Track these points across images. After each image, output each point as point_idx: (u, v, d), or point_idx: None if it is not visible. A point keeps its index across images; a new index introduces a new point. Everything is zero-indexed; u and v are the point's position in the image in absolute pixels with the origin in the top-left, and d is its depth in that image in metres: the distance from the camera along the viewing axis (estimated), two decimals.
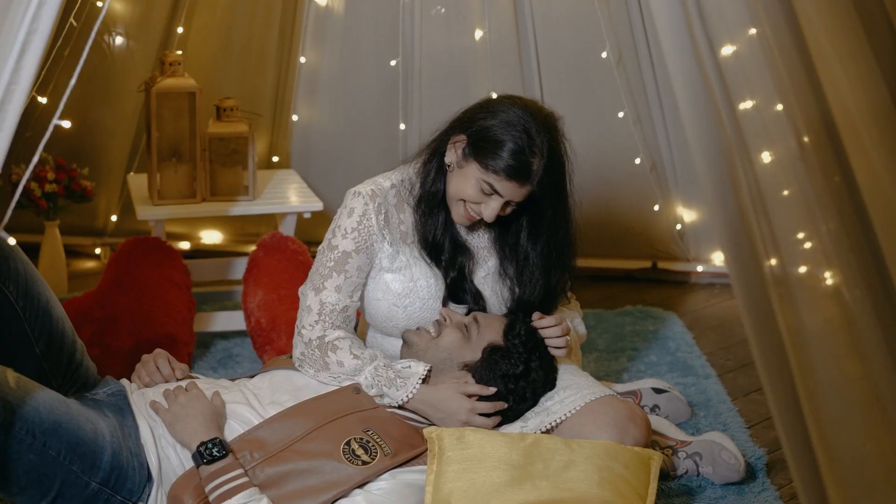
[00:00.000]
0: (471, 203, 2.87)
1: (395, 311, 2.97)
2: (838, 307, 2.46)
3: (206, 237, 4.77)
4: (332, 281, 2.92)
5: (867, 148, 2.53)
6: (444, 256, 2.98)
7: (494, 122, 2.83)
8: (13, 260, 2.79)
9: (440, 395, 2.86)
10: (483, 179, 2.82)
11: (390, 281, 2.96)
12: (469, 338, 2.91)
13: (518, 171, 2.81)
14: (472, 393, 2.87)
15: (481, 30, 4.55)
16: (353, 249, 2.92)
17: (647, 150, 4.60)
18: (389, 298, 2.97)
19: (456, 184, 2.88)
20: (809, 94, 2.55)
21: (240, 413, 2.78)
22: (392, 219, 2.96)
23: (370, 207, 2.92)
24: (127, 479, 2.66)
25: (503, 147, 2.80)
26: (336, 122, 4.71)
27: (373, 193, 2.93)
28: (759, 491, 3.08)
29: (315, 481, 2.65)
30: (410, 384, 2.84)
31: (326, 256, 2.95)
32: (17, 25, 2.07)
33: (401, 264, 2.96)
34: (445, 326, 2.93)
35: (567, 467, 2.71)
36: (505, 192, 2.83)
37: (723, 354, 3.99)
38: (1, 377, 2.54)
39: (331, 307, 2.92)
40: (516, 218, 2.95)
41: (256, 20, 4.58)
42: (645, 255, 4.77)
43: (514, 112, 2.84)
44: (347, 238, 2.92)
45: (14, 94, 2.06)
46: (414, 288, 2.96)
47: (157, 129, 3.80)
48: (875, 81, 2.56)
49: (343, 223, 2.94)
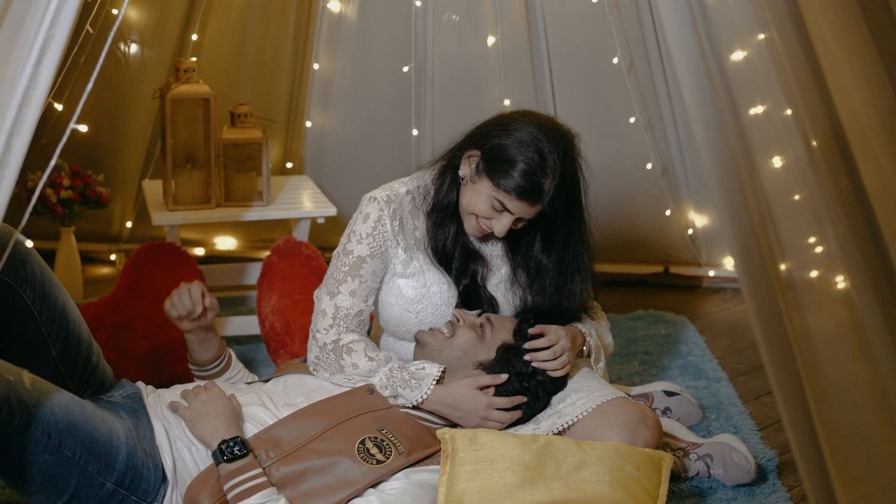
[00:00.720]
0: (482, 217, 2.90)
1: (408, 317, 2.99)
2: (848, 311, 2.48)
3: (220, 243, 4.78)
4: (346, 285, 2.94)
5: (875, 152, 2.55)
6: (455, 265, 3.00)
7: (508, 140, 2.85)
8: (30, 263, 2.82)
9: (455, 393, 2.88)
10: (494, 196, 2.85)
11: (403, 286, 2.98)
12: (483, 337, 2.93)
13: (528, 192, 2.83)
14: (484, 385, 2.88)
15: (493, 36, 4.57)
16: (368, 254, 2.94)
17: (658, 155, 4.61)
18: (402, 304, 2.98)
19: (468, 198, 2.91)
20: (817, 98, 2.56)
21: (255, 414, 2.80)
22: (407, 225, 2.97)
23: (385, 213, 2.94)
24: (142, 480, 2.67)
25: (515, 167, 2.81)
26: (349, 128, 4.73)
27: (388, 199, 2.95)
28: (770, 493, 3.08)
29: (330, 480, 2.68)
30: (425, 385, 2.86)
31: (341, 261, 2.96)
32: (34, 30, 2.08)
33: (414, 270, 2.98)
34: (459, 327, 2.94)
35: (579, 468, 2.72)
36: (515, 210, 2.85)
37: (734, 358, 4.00)
38: (17, 378, 2.56)
39: (345, 311, 2.94)
40: (528, 231, 2.97)
41: (270, 27, 4.60)
42: (657, 259, 4.78)
43: (528, 131, 2.85)
44: (362, 243, 2.94)
45: (32, 98, 2.07)
46: (427, 294, 2.98)
47: (171, 136, 3.80)
48: (882, 85, 2.57)
49: (358, 228, 2.95)
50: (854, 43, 2.58)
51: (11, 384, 2.53)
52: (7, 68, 2.11)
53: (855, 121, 2.55)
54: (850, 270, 2.49)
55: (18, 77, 2.09)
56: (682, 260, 4.77)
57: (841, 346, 2.48)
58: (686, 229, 4.72)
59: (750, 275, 2.49)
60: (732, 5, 2.53)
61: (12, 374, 2.56)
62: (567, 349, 2.94)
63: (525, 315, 2.99)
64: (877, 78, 2.58)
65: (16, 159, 2.08)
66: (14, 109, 2.08)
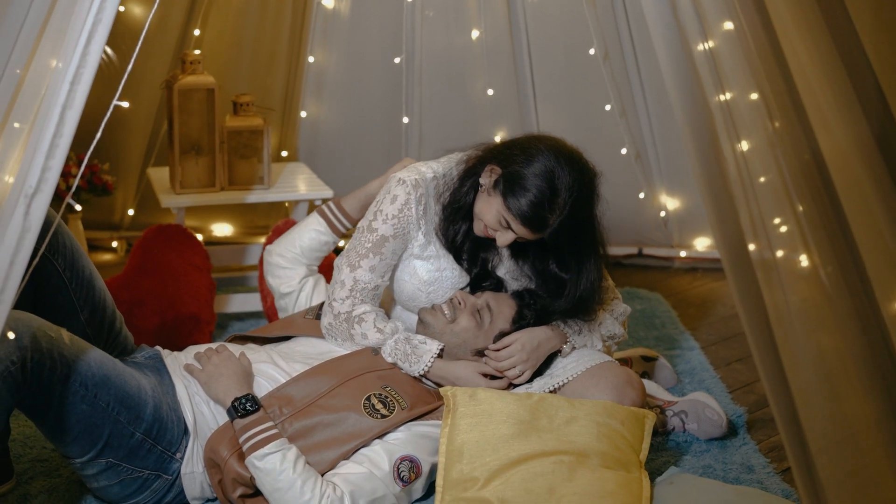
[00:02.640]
0: (489, 227, 2.95)
1: (419, 295, 3.07)
2: (815, 287, 2.53)
3: (217, 230, 4.81)
4: (367, 261, 3.01)
5: (830, 123, 2.57)
6: (465, 256, 3.06)
7: (528, 169, 2.85)
8: (60, 234, 2.92)
9: (458, 372, 2.98)
10: (503, 214, 2.88)
11: (419, 267, 3.05)
12: (482, 325, 3.01)
13: (532, 222, 2.86)
14: (488, 373, 2.99)
15: (478, 30, 4.62)
16: (392, 235, 2.99)
17: (632, 141, 4.65)
18: (415, 283, 3.06)
19: (481, 206, 2.94)
20: (780, 80, 2.59)
21: (266, 372, 2.90)
22: (430, 211, 3.01)
23: (412, 197, 2.98)
24: (167, 431, 2.78)
25: (526, 195, 2.83)
26: (342, 117, 4.74)
27: (416, 183, 2.98)
28: (741, 445, 3.20)
29: (338, 433, 2.79)
30: (423, 361, 2.95)
31: (365, 237, 3.01)
32: (84, 15, 2.22)
33: (430, 254, 3.04)
34: (460, 311, 3.01)
35: (569, 423, 2.81)
36: (519, 232, 2.90)
37: (706, 330, 4.10)
38: (57, 335, 2.67)
39: (363, 285, 3.02)
40: (533, 243, 3.01)
41: (267, 22, 4.61)
42: (631, 241, 4.81)
43: (549, 164, 2.85)
44: (388, 223, 2.99)
45: (82, 76, 2.23)
46: (440, 278, 3.06)
47: (179, 124, 3.87)
48: (835, 63, 2.60)
49: (385, 209, 2.99)
50: (809, 24, 2.60)
51: (53, 340, 2.65)
52: (60, 49, 2.25)
53: (812, 98, 2.57)
54: (816, 246, 2.53)
55: (70, 57, 2.22)
56: (656, 241, 4.81)
57: (810, 318, 2.53)
58: (659, 212, 4.76)
59: (729, 252, 2.55)
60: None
61: (53, 331, 2.67)
62: (523, 361, 2.99)
63: (523, 299, 3.05)
64: (830, 56, 2.60)
65: (69, 130, 2.23)
66: (67, 86, 2.22)
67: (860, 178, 2.57)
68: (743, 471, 3.07)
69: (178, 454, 2.81)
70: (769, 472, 3.07)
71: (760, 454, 3.16)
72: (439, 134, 4.69)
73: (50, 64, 2.28)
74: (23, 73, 2.29)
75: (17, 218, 2.20)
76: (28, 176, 2.21)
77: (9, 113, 2.27)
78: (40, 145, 2.22)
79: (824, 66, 2.60)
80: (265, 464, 2.68)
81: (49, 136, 2.21)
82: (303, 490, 2.65)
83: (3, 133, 2.27)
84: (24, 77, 2.29)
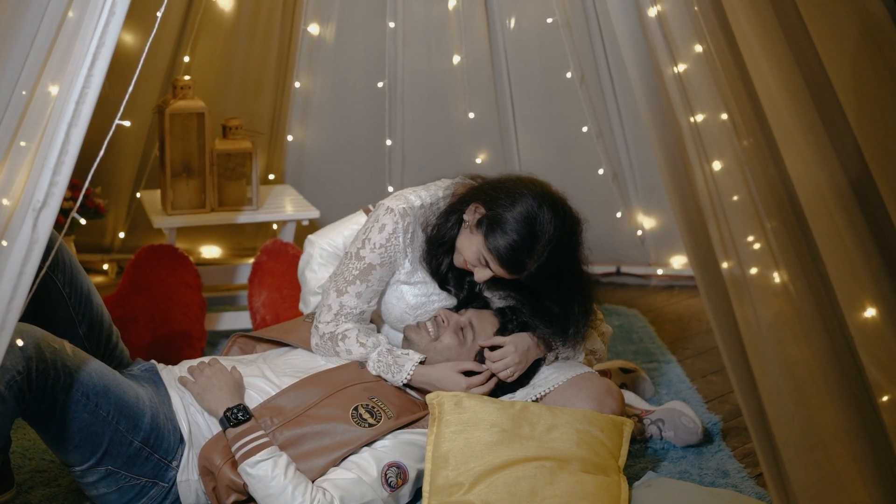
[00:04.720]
0: (468, 262, 2.98)
1: (407, 318, 3.12)
2: (786, 302, 2.56)
3: (206, 252, 4.82)
4: (354, 287, 3.02)
5: (796, 140, 2.60)
6: (450, 284, 3.08)
7: (510, 213, 2.85)
8: (60, 251, 2.97)
9: (438, 374, 3.02)
10: (482, 252, 2.90)
11: (406, 292, 3.09)
12: (465, 343, 3.05)
13: (510, 264, 2.88)
14: (466, 370, 3.04)
15: (458, 55, 4.69)
16: (379, 263, 3.01)
17: (608, 162, 4.71)
18: (403, 306, 3.10)
19: (463, 241, 2.96)
20: (747, 101, 2.63)
21: (257, 385, 2.95)
22: (417, 239, 3.03)
23: (399, 226, 2.99)
24: (163, 440, 2.83)
25: (506, 238, 2.84)
26: (327, 140, 4.78)
27: (404, 212, 3.00)
28: (716, 452, 3.26)
29: (328, 441, 2.83)
30: (405, 370, 3.00)
31: (353, 264, 3.03)
32: (88, 38, 2.31)
33: (418, 279, 3.08)
34: (444, 329, 3.04)
35: (550, 430, 2.86)
36: (496, 272, 2.93)
37: (682, 344, 4.15)
38: (61, 346, 2.74)
39: (349, 310, 3.04)
40: (509, 281, 3.01)
41: (255, 49, 4.65)
42: (609, 260, 4.85)
43: (531, 209, 2.85)
44: (375, 252, 3.00)
45: (87, 96, 2.32)
46: (427, 302, 3.10)
47: (170, 147, 3.93)
48: (798, 84, 2.64)
49: (373, 237, 3.01)
50: (774, 46, 2.63)
51: (57, 350, 2.71)
52: (65, 70, 2.33)
53: (778, 116, 2.60)
54: (786, 262, 2.55)
55: (75, 78, 2.31)
56: (633, 260, 4.85)
57: (780, 331, 2.55)
58: (636, 231, 4.80)
59: (703, 269, 2.59)
60: (672, 21, 2.61)
61: (56, 342, 2.74)
62: (515, 363, 3.03)
63: (505, 316, 3.08)
64: (793, 75, 2.63)
65: (74, 147, 2.33)
66: (72, 105, 2.31)
67: (824, 194, 2.60)
68: (718, 475, 3.12)
69: (175, 462, 2.85)
70: (743, 476, 3.11)
71: (735, 460, 3.21)
72: (422, 156, 4.76)
73: (52, 90, 2.37)
74: (29, 95, 2.37)
75: (26, 231, 2.28)
76: (35, 191, 2.30)
77: (16, 132, 2.36)
78: (47, 162, 2.31)
79: (788, 85, 2.64)
80: (257, 470, 2.73)
81: (55, 153, 2.31)
82: (294, 495, 2.70)
83: (11, 151, 2.35)
84: (30, 99, 2.37)
